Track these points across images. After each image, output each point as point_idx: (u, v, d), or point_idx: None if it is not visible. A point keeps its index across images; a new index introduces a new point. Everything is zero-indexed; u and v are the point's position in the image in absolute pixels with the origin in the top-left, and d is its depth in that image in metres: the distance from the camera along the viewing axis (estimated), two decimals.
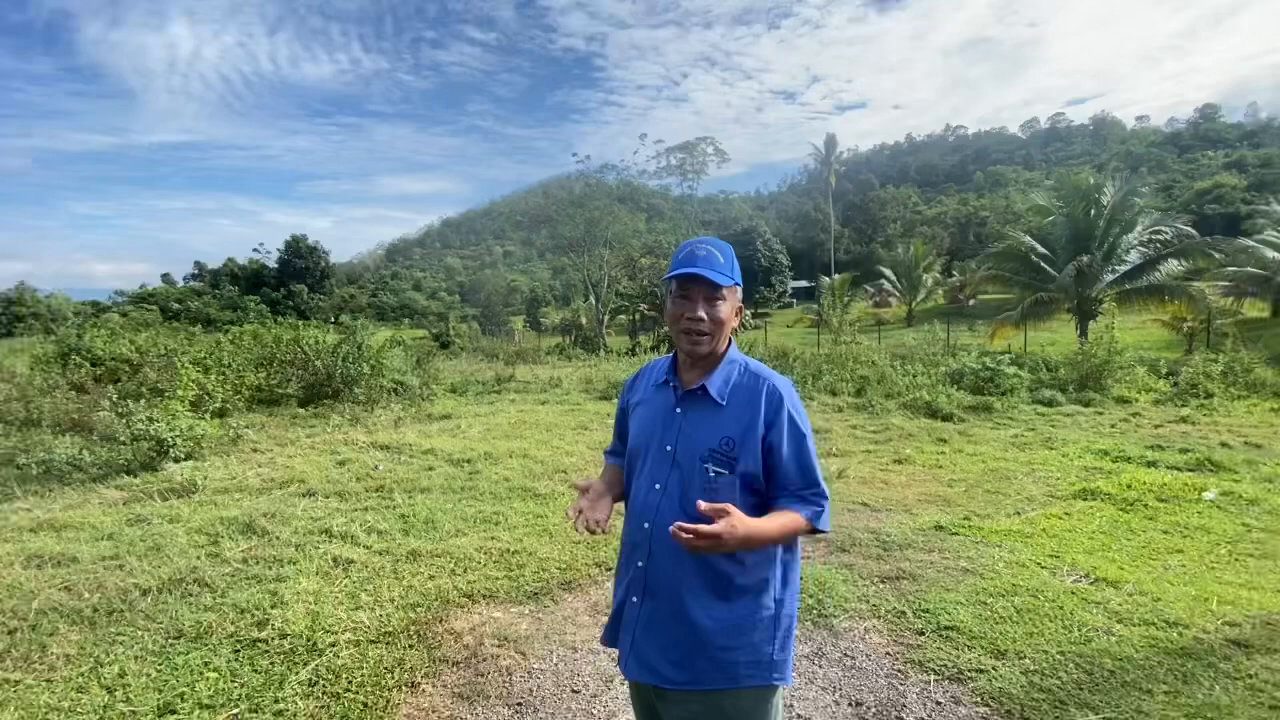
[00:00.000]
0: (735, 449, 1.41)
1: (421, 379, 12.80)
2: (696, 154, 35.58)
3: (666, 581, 1.44)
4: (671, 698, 1.45)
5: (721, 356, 1.51)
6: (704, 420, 1.46)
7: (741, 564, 1.42)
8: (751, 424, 1.41)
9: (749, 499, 1.43)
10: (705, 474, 1.41)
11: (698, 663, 1.40)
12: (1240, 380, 11.30)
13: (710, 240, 1.50)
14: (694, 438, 1.45)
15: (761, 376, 1.48)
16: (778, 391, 1.44)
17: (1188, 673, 2.57)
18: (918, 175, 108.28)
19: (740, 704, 1.41)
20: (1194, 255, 20.70)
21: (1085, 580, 3.50)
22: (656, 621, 1.45)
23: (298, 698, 2.58)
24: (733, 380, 1.48)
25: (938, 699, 2.49)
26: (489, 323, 53.27)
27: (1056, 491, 5.51)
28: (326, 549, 4.21)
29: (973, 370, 11.91)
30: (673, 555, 1.42)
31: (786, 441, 1.41)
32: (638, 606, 1.49)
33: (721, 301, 1.46)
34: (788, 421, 1.42)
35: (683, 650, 1.42)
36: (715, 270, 1.43)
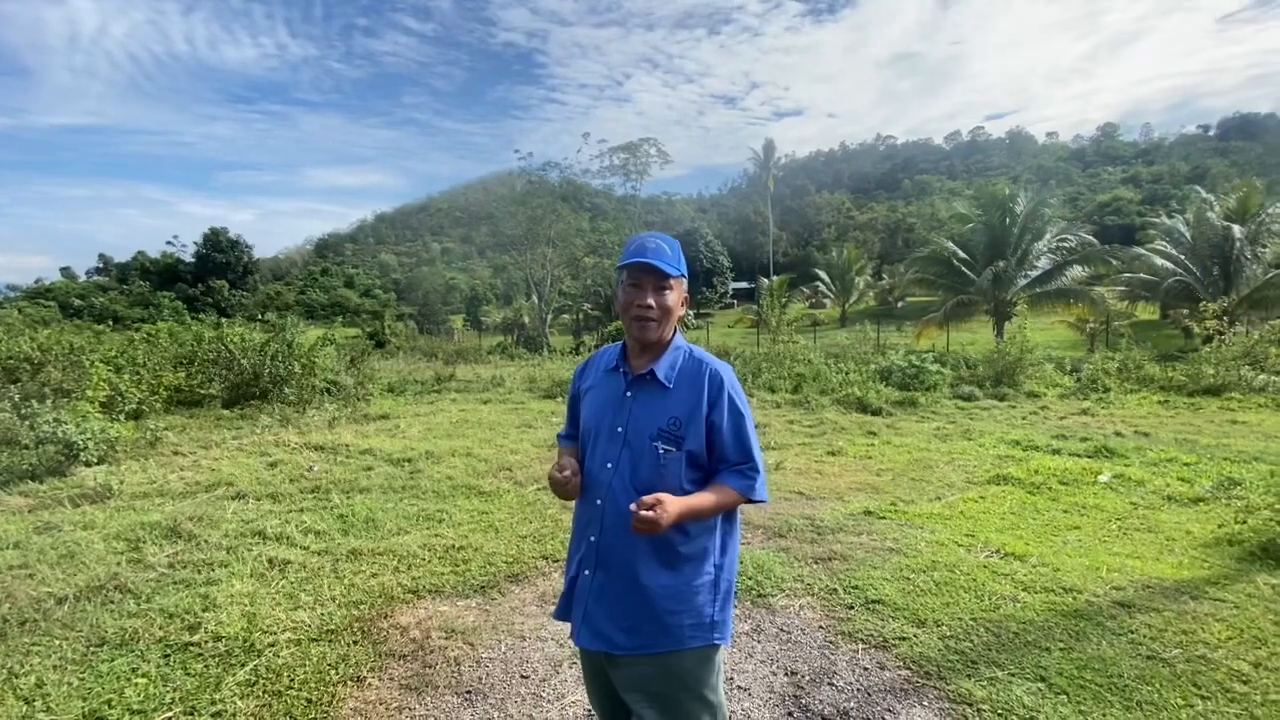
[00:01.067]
0: (682, 428, 1.52)
1: (356, 379, 12.39)
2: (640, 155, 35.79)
3: (617, 553, 1.54)
4: (621, 662, 1.55)
5: (668, 344, 1.63)
6: (652, 402, 1.57)
7: (686, 534, 1.53)
8: (696, 405, 1.53)
9: (693, 474, 1.55)
10: (655, 452, 1.52)
11: (646, 627, 1.51)
12: (1133, 376, 12.40)
13: (659, 235, 1.63)
14: (643, 419, 1.56)
15: (704, 362, 1.60)
16: (719, 375, 1.57)
17: (1080, 631, 2.87)
18: (851, 182, 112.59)
19: (685, 663, 1.52)
20: (1095, 262, 22.51)
21: (996, 555, 3.82)
22: (608, 591, 1.55)
23: (236, 698, 2.52)
24: (678, 365, 1.60)
25: (865, 665, 2.69)
26: (427, 321, 51.87)
27: (973, 478, 5.93)
28: (261, 551, 4.08)
29: (900, 368, 12.57)
30: (624, 528, 1.52)
31: (726, 420, 1.54)
32: (590, 579, 1.58)
33: (669, 290, 1.58)
34: (728, 402, 1.55)
35: (632, 617, 1.52)
36: (664, 261, 1.56)
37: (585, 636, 1.57)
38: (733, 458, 1.55)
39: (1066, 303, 21.53)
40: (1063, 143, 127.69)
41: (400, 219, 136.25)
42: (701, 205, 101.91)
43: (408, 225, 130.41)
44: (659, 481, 1.52)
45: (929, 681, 2.55)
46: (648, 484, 1.52)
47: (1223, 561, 3.69)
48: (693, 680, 1.54)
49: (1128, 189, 72.15)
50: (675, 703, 1.54)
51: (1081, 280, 21.89)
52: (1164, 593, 3.24)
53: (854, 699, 2.46)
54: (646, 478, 1.52)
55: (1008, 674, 2.56)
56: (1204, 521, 4.43)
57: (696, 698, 1.55)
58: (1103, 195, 70.51)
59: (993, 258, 21.95)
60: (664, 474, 1.51)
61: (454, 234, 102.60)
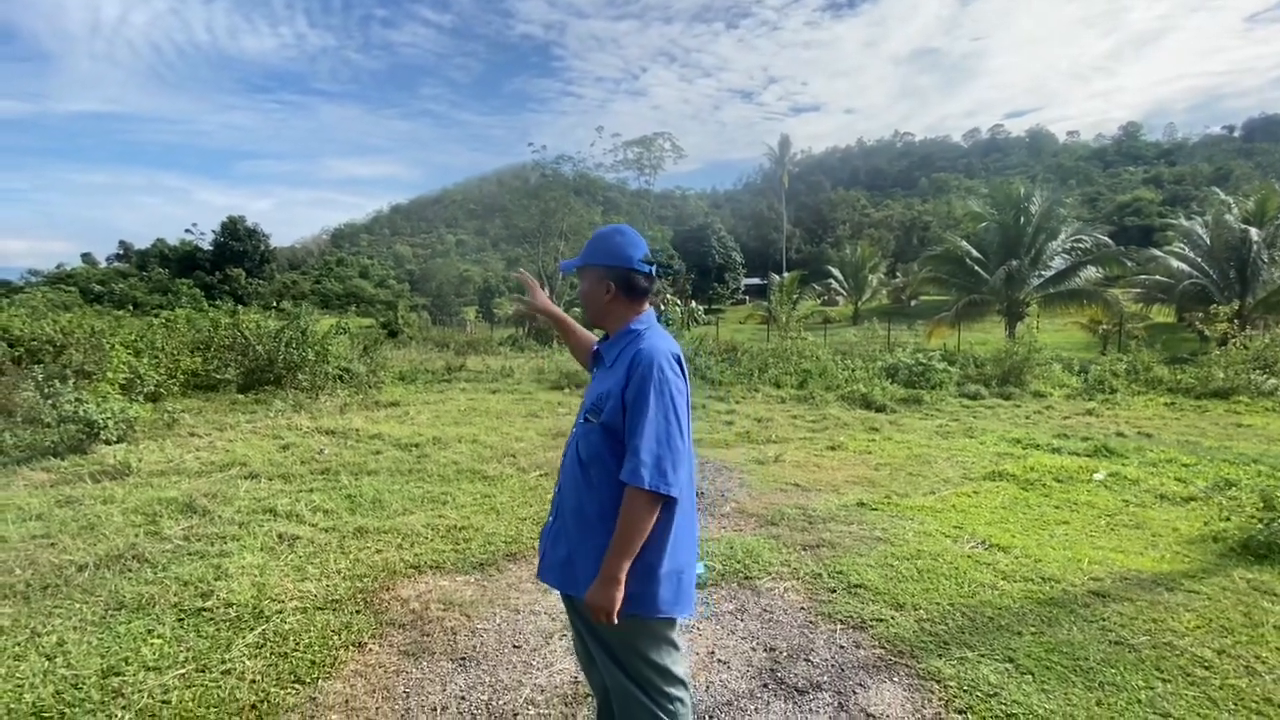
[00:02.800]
0: (603, 402, 1.67)
1: (369, 367, 12.61)
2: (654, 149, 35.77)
3: (562, 508, 1.75)
4: (575, 603, 1.73)
5: (614, 330, 1.80)
6: (597, 380, 1.80)
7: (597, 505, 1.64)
8: (618, 382, 1.66)
9: (616, 450, 1.63)
10: (585, 423, 1.71)
11: (579, 576, 1.66)
12: (1141, 377, 12.34)
13: (598, 230, 1.88)
14: (588, 394, 1.79)
15: (641, 348, 1.66)
16: (643, 357, 1.62)
17: (1053, 617, 2.96)
18: (867, 179, 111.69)
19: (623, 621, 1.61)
20: (1110, 263, 22.27)
21: (981, 546, 3.91)
22: (561, 538, 1.74)
23: (245, 658, 2.69)
24: (620, 348, 1.75)
25: (841, 643, 2.80)
26: (440, 313, 52.23)
27: (970, 474, 6.00)
28: (271, 527, 4.26)
29: (906, 366, 12.58)
30: (569, 488, 1.73)
31: (633, 400, 1.60)
32: (552, 524, 1.79)
33: (583, 280, 1.83)
34: (639, 381, 1.60)
35: (574, 567, 1.68)
36: (567, 260, 1.88)
37: (544, 573, 1.78)
38: (630, 439, 1.58)
39: (1080, 304, 21.33)
40: (1084, 142, 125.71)
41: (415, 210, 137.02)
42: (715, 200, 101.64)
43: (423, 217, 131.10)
44: (584, 450, 1.68)
45: (901, 660, 2.66)
46: (581, 452, 1.70)
47: (1203, 557, 3.75)
48: (631, 639, 1.66)
49: (1149, 190, 70.98)
50: (621, 651, 1.68)
51: (1096, 281, 21.67)
52: (1140, 584, 3.32)
53: (827, 673, 2.58)
54: (581, 446, 1.71)
55: (977, 655, 2.66)
56: (1192, 520, 4.49)
57: (640, 656, 1.67)
58: (1123, 196, 69.43)
59: (1006, 257, 21.79)
60: (586, 443, 1.68)
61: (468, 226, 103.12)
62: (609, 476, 1.63)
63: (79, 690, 2.43)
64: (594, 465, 1.66)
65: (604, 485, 1.64)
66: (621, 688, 1.69)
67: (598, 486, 1.66)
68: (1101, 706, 2.32)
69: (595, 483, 1.66)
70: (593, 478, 1.66)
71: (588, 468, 1.67)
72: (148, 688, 2.45)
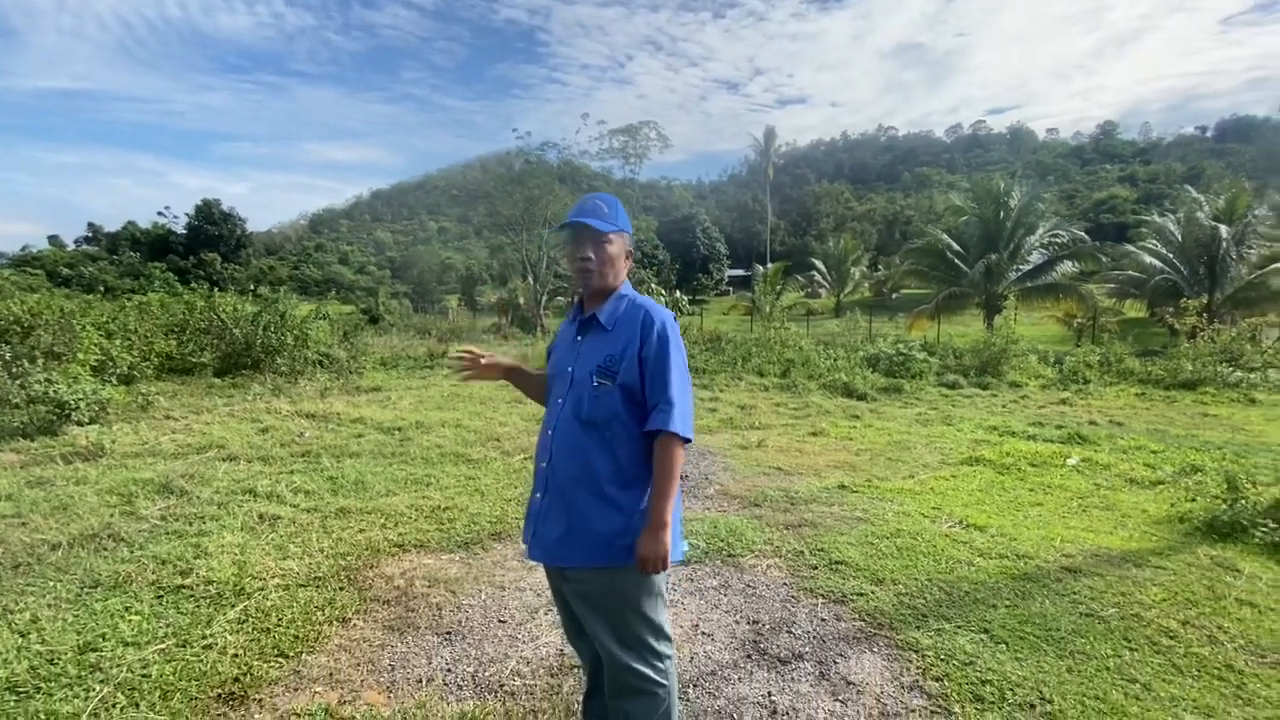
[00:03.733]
0: (616, 364, 1.69)
1: (349, 352, 12.47)
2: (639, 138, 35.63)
3: (561, 480, 1.72)
4: (569, 576, 1.74)
5: (613, 291, 1.79)
6: (595, 343, 1.76)
7: (617, 463, 1.69)
8: (630, 342, 1.70)
9: (633, 409, 1.70)
10: (593, 386, 1.69)
11: (586, 545, 1.68)
12: (1113, 369, 12.64)
13: (601, 195, 1.82)
14: (587, 358, 1.75)
15: (642, 306, 1.76)
16: (652, 316, 1.72)
17: (1026, 591, 3.05)
18: (851, 172, 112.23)
19: (624, 581, 1.68)
20: (1085, 258, 22.72)
21: (958, 526, 3.99)
22: (554, 512, 1.72)
23: (227, 634, 2.66)
24: (619, 310, 1.77)
25: (822, 616, 2.86)
26: (422, 300, 51.64)
27: (948, 459, 6.11)
28: (251, 507, 4.21)
29: (887, 355, 12.75)
30: (567, 456, 1.71)
31: (653, 356, 1.69)
32: (540, 501, 1.77)
33: (607, 244, 1.76)
34: (656, 340, 1.69)
35: (573, 536, 1.69)
36: (599, 219, 1.75)
37: (536, 552, 1.76)
38: (652, 395, 1.68)
39: (1056, 298, 21.74)
40: (1063, 139, 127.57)
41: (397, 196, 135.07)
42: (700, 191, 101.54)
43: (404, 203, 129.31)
44: (594, 412, 1.68)
45: (880, 631, 2.72)
46: (588, 415, 1.69)
47: (1170, 536, 3.88)
48: (631, 597, 1.70)
49: (1124, 187, 72.30)
50: (617, 614, 1.71)
51: (1071, 276, 22.10)
52: (1109, 560, 3.43)
53: (809, 644, 2.63)
54: (586, 410, 1.69)
55: (954, 626, 2.73)
56: (1160, 502, 4.62)
57: (636, 613, 1.71)
58: (1099, 193, 70.63)
59: (985, 251, 22.11)
60: (598, 405, 1.68)
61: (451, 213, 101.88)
62: (628, 433, 1.69)
63: (55, 665, 2.40)
64: (612, 425, 1.68)
65: (624, 443, 1.69)
66: (615, 653, 1.71)
67: (615, 445, 1.69)
68: (1072, 673, 2.39)
69: (613, 442, 1.69)
70: (609, 437, 1.69)
71: (602, 429, 1.69)
72: (126, 662, 2.42)
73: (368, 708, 2.23)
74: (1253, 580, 3.19)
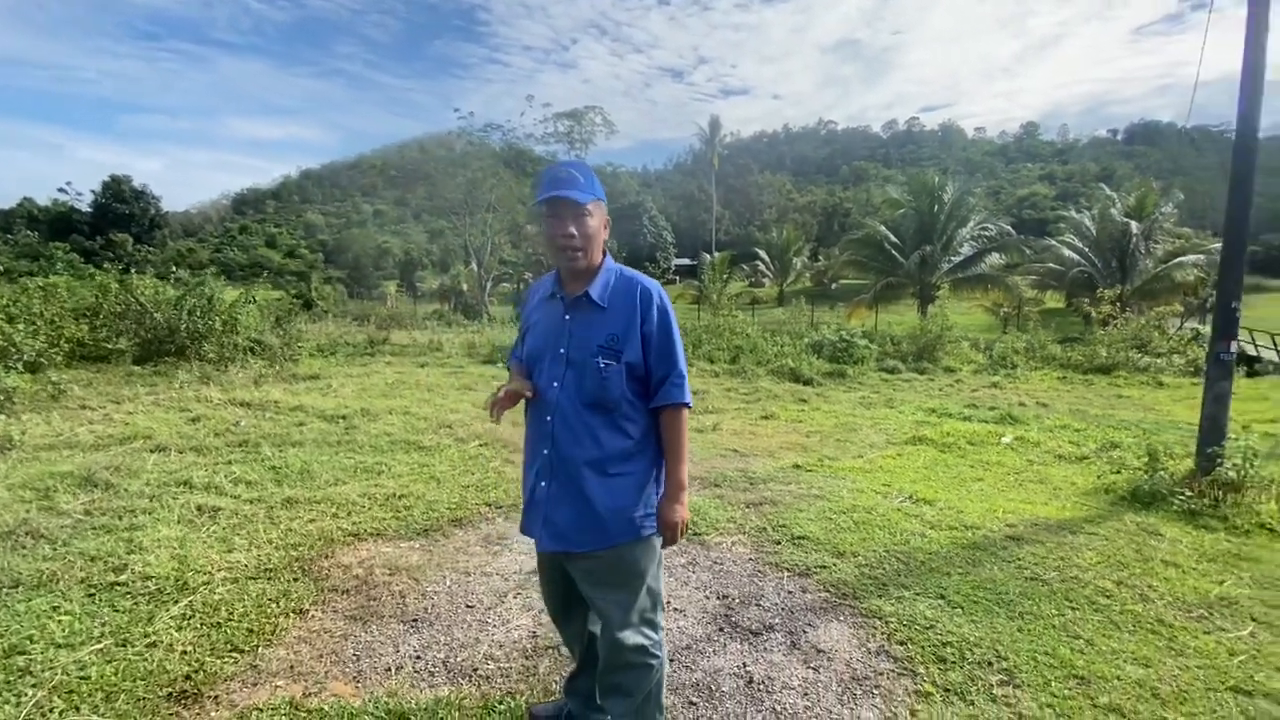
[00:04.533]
0: (620, 343, 1.64)
1: (283, 339, 11.85)
2: (585, 123, 34.99)
3: (568, 464, 1.66)
4: (578, 558, 1.69)
5: (599, 266, 1.72)
6: (590, 322, 1.67)
7: (629, 439, 1.67)
8: (631, 320, 1.65)
9: (634, 385, 1.67)
10: (597, 367, 1.62)
11: (599, 525, 1.64)
12: (1037, 355, 13.47)
13: (569, 163, 1.70)
14: (584, 338, 1.66)
15: (635, 280, 1.72)
16: (649, 290, 1.69)
17: (976, 559, 3.22)
18: (792, 164, 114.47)
19: (634, 552, 1.68)
20: (1011, 251, 24.06)
21: (908, 501, 4.17)
22: (564, 497, 1.67)
23: (172, 630, 2.50)
24: (611, 285, 1.71)
25: (789, 589, 2.93)
26: (358, 286, 49.68)
27: (893, 439, 6.37)
28: (188, 499, 3.95)
29: (831, 342, 13.16)
30: (574, 440, 1.65)
31: (657, 332, 1.66)
32: (546, 489, 1.69)
33: (588, 217, 1.65)
34: (657, 315, 1.67)
35: (586, 518, 1.65)
36: (577, 189, 1.62)
37: (547, 540, 1.69)
38: (660, 369, 1.66)
39: (984, 288, 22.99)
40: (989, 138, 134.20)
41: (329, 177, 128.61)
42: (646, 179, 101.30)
43: (337, 184, 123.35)
44: (603, 393, 1.63)
45: (845, 601, 2.81)
46: (593, 397, 1.63)
47: (1099, 505, 4.18)
48: (641, 568, 1.70)
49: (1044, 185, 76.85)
50: (627, 590, 1.69)
51: (998, 268, 23.39)
52: (1048, 529, 3.66)
53: (778, 616, 2.69)
54: (591, 391, 1.63)
55: (913, 593, 2.85)
56: (1087, 475, 4.97)
57: (643, 584, 1.71)
58: (1022, 190, 74.85)
59: (920, 243, 23.09)
60: (607, 386, 1.62)
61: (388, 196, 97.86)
62: (636, 411, 1.67)
63: None
64: (621, 405, 1.64)
65: (636, 419, 1.67)
66: (618, 629, 1.69)
67: (625, 424, 1.65)
68: (1022, 632, 2.55)
69: (622, 421, 1.65)
70: (620, 416, 1.65)
71: (612, 410, 1.64)
72: (60, 664, 2.23)
73: (335, 699, 2.14)
74: (1174, 543, 3.48)
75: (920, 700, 2.14)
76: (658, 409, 1.68)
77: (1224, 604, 2.82)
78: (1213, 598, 2.87)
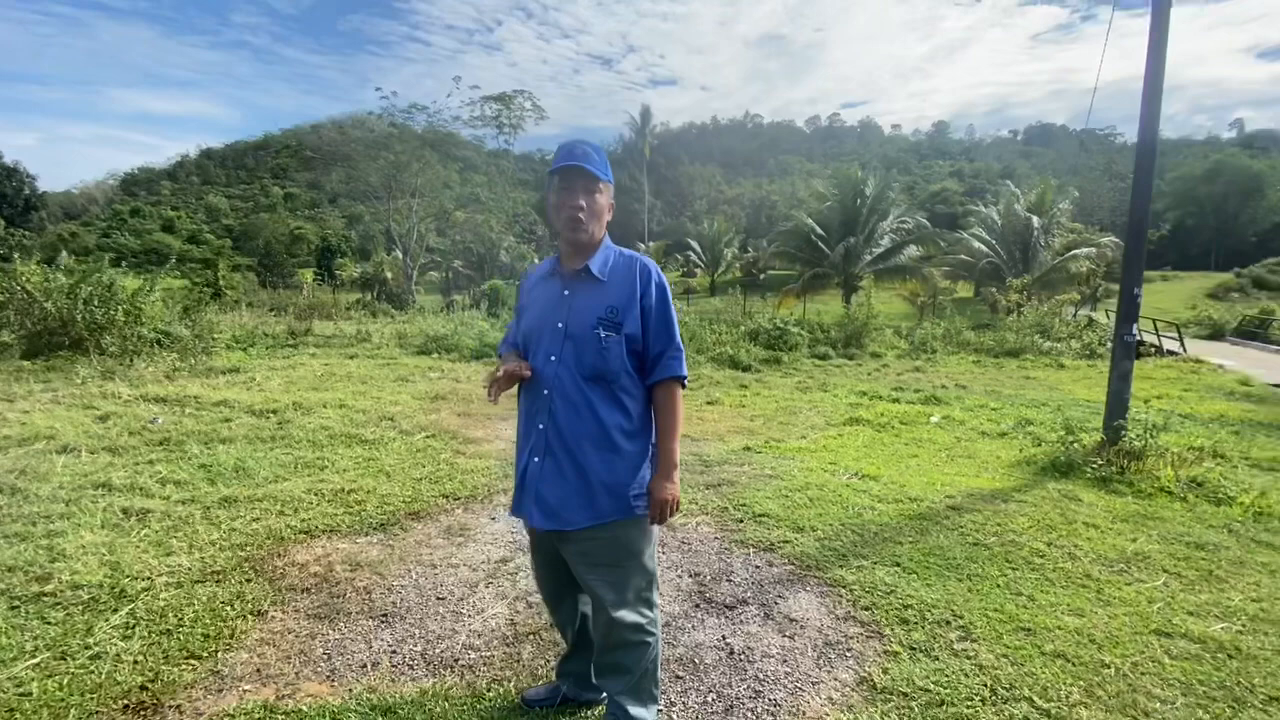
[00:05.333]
0: (620, 315, 1.66)
1: (194, 330, 11.01)
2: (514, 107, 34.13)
3: (566, 438, 1.66)
4: (572, 537, 1.69)
5: (599, 243, 1.74)
6: (590, 296, 1.69)
7: (628, 416, 1.69)
8: (631, 294, 1.68)
9: (632, 359, 1.69)
10: (597, 339, 1.64)
11: (597, 501, 1.65)
12: (954, 341, 14.40)
13: (587, 142, 1.72)
14: (583, 311, 1.67)
15: (634, 257, 1.75)
16: (648, 268, 1.73)
17: (923, 528, 3.45)
18: (720, 156, 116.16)
19: (632, 531, 1.70)
20: (927, 243, 25.49)
21: (855, 477, 4.40)
22: (559, 474, 1.66)
23: (116, 639, 2.31)
24: (610, 261, 1.73)
25: (756, 564, 3.04)
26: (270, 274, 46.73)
27: (831, 421, 6.67)
28: (110, 502, 3.65)
29: (766, 330, 13.55)
30: (571, 415, 1.65)
31: (655, 306, 1.70)
32: (540, 465, 1.68)
33: (599, 194, 1.69)
34: (656, 290, 1.71)
35: (582, 495, 1.65)
36: (593, 164, 1.66)
37: (538, 518, 1.68)
38: (658, 343, 1.69)
39: (903, 278, 24.25)
40: (904, 135, 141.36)
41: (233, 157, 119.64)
42: None
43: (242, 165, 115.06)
44: (603, 365, 1.64)
45: (810, 572, 2.95)
46: (592, 370, 1.64)
47: (1024, 476, 4.55)
48: (636, 546, 1.72)
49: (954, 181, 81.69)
50: (621, 569, 1.71)
51: (916, 259, 24.73)
52: (983, 498, 3.96)
53: (749, 590, 2.79)
54: (591, 363, 1.64)
55: (871, 562, 3.03)
56: (1009, 449, 5.40)
57: (637, 564, 1.73)
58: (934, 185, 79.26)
59: (845, 235, 24.07)
60: (606, 357, 1.64)
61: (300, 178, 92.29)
62: (634, 384, 1.68)
63: None
64: (620, 378, 1.65)
65: (634, 393, 1.69)
66: (614, 608, 1.71)
67: (624, 397, 1.67)
68: (972, 592, 2.76)
69: (621, 394, 1.66)
70: (619, 389, 1.66)
71: (611, 382, 1.65)
72: None
73: (312, 699, 2.05)
74: (1091, 507, 3.85)
75: (890, 659, 2.28)
76: (656, 384, 1.70)
77: (1139, 558, 3.16)
78: (1129, 553, 3.20)
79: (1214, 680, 2.20)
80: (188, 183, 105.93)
